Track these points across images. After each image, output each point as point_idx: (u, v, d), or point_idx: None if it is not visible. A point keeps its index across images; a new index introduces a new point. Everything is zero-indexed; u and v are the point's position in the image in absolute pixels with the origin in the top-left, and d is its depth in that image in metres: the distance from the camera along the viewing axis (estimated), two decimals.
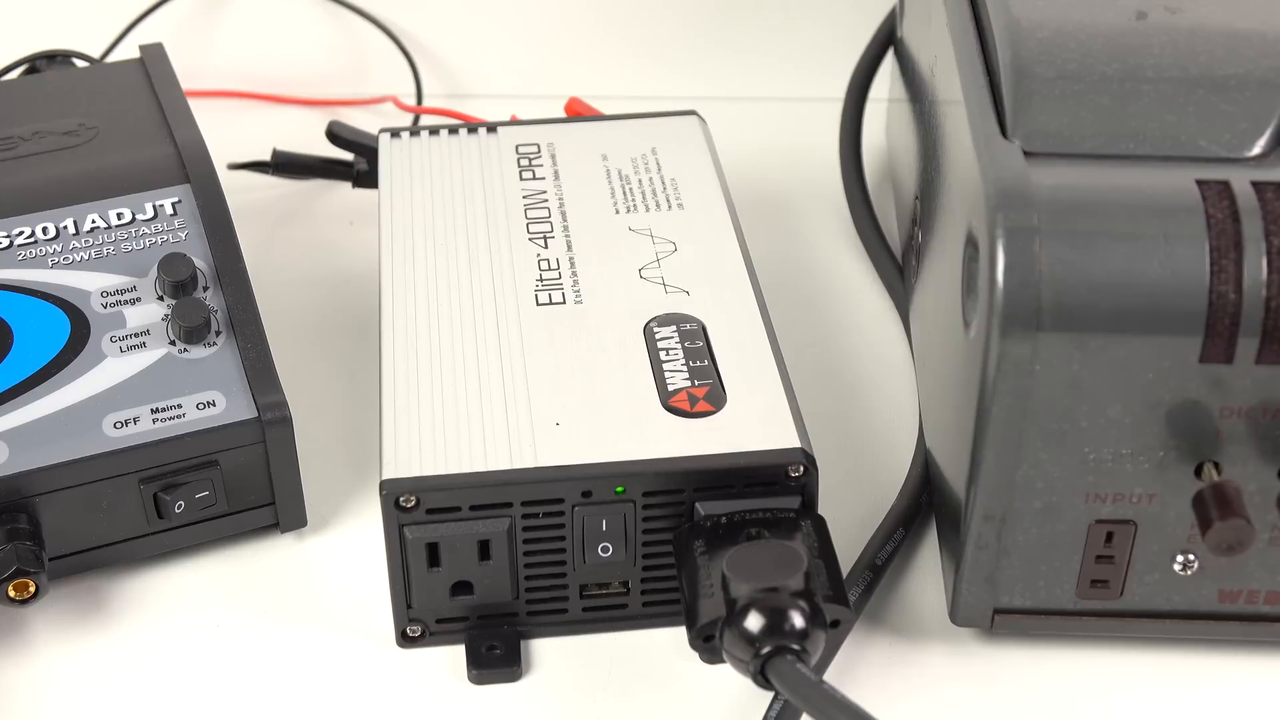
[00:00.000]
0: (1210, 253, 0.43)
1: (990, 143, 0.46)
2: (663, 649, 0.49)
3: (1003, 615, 0.49)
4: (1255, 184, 0.43)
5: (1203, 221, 0.43)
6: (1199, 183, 0.44)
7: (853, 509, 0.54)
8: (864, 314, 0.64)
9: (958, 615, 0.49)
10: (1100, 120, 0.46)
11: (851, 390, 0.60)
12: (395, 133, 0.63)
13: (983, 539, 0.47)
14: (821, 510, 0.49)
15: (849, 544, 0.52)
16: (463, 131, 0.63)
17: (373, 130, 0.65)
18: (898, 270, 0.64)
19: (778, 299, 0.63)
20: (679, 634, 0.48)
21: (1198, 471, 0.45)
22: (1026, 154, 0.45)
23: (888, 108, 0.71)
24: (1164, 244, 0.43)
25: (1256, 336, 0.43)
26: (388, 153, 0.62)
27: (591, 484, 0.47)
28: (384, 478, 0.46)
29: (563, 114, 0.68)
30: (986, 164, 0.45)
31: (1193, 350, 0.43)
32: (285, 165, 0.69)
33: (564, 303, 0.53)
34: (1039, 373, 0.44)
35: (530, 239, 0.56)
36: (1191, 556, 0.47)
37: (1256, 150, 0.45)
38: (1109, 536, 0.47)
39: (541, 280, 0.54)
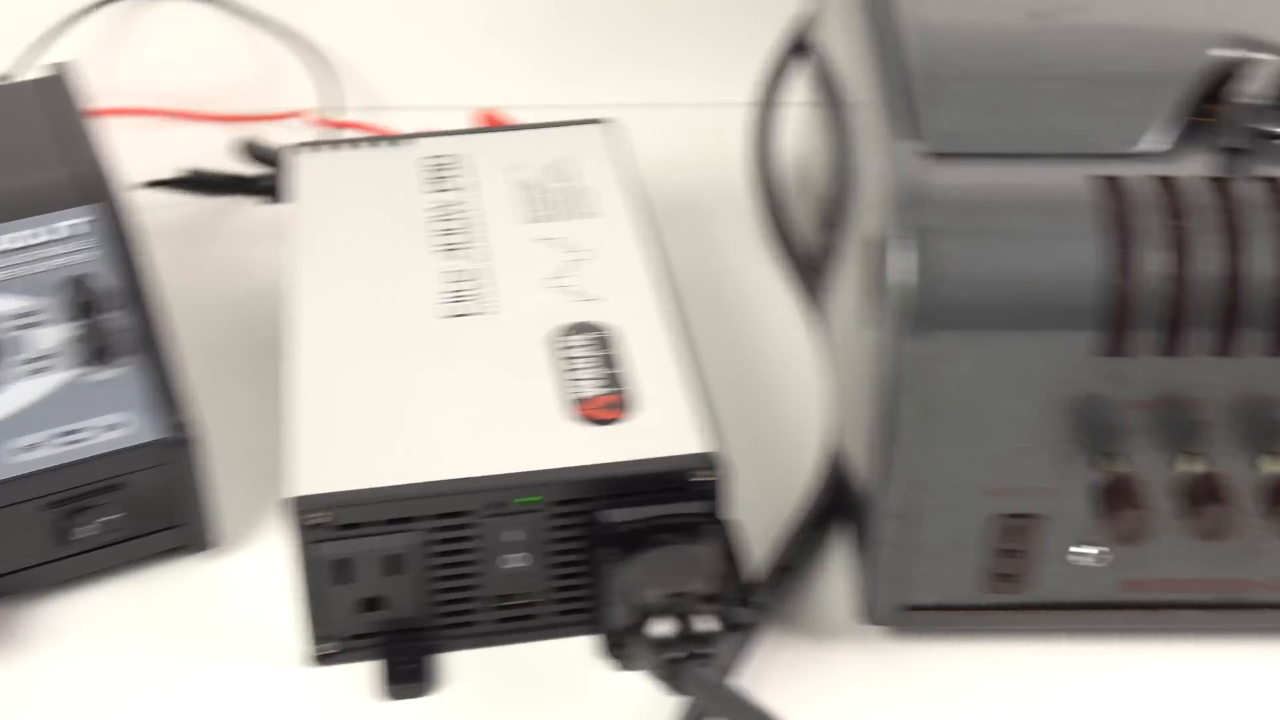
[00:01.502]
0: (1105, 247, 0.43)
1: (893, 144, 0.46)
2: (576, 658, 0.49)
3: (912, 612, 0.49)
4: (1148, 178, 0.44)
5: (1097, 217, 0.43)
6: (1093, 178, 0.44)
7: (765, 511, 0.54)
8: (775, 317, 0.64)
9: (868, 613, 0.49)
10: (1000, 119, 0.46)
11: (763, 394, 0.60)
12: (307, 147, 0.63)
13: (891, 537, 0.47)
14: (734, 513, 0.49)
15: (762, 546, 0.52)
16: (375, 144, 0.63)
17: (286, 144, 0.64)
18: (809, 273, 0.64)
19: (691, 304, 0.62)
20: (591, 642, 0.48)
21: (1099, 464, 0.46)
22: (931, 154, 0.45)
23: (799, 111, 0.71)
24: (1060, 240, 0.43)
25: (1153, 329, 0.43)
26: (299, 167, 0.61)
27: (500, 495, 0.46)
28: (290, 495, 0.46)
29: (476, 124, 0.67)
30: (888, 165, 0.45)
31: (1091, 344, 0.43)
32: (198, 182, 0.68)
33: (474, 314, 0.53)
34: (941, 371, 0.44)
35: (441, 251, 0.56)
36: (1095, 547, 0.47)
37: (1150, 144, 0.45)
38: (1014, 531, 0.47)
39: (452, 292, 0.54)
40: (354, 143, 0.63)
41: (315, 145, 0.63)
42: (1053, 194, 0.44)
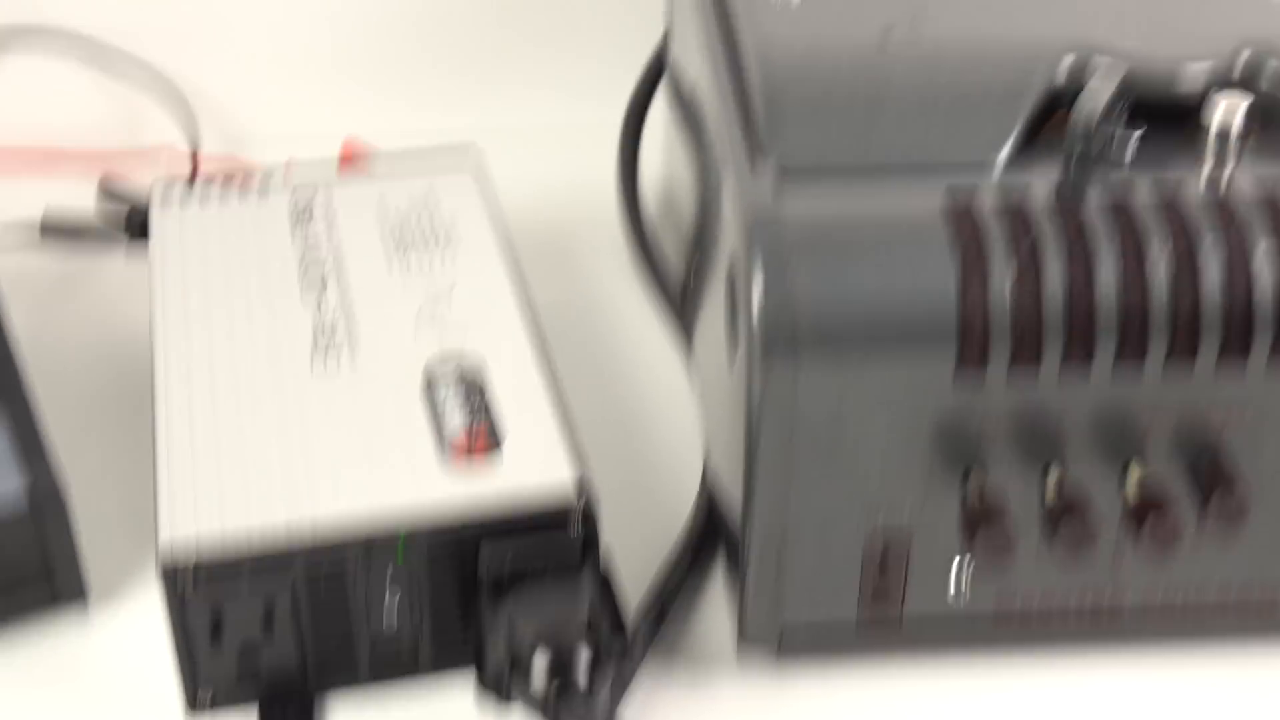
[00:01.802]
0: (958, 265, 0.43)
1: (745, 167, 0.46)
2: (456, 698, 0.49)
3: (790, 635, 0.49)
4: (1000, 194, 0.45)
5: (950, 234, 0.44)
6: (944, 195, 0.45)
7: (642, 541, 0.54)
8: (646, 345, 0.64)
9: (745, 635, 0.49)
10: (849, 141, 0.46)
11: (636, 423, 0.60)
12: (168, 186, 0.62)
13: (764, 559, 0.47)
14: (610, 544, 0.49)
15: (640, 576, 0.52)
16: (237, 181, 0.62)
17: (147, 183, 0.64)
18: (678, 299, 0.65)
19: (560, 335, 0.62)
20: (471, 680, 0.48)
21: (964, 480, 0.46)
22: (781, 177, 0.45)
23: (664, 133, 0.72)
24: (914, 258, 0.44)
25: (1007, 344, 0.44)
26: (160, 209, 0.61)
27: (373, 540, 0.46)
28: (161, 547, 0.45)
29: (339, 154, 0.67)
30: (739, 189, 0.45)
31: (949, 362, 0.44)
32: (57, 227, 0.67)
33: (340, 355, 0.52)
34: (802, 393, 0.44)
35: (305, 291, 0.55)
36: (966, 562, 0.48)
37: (1000, 159, 0.46)
38: (885, 548, 0.47)
39: (317, 333, 0.53)
40: (215, 179, 0.62)
41: (176, 183, 0.62)
42: (903, 213, 0.44)
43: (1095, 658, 0.50)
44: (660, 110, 0.70)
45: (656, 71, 0.70)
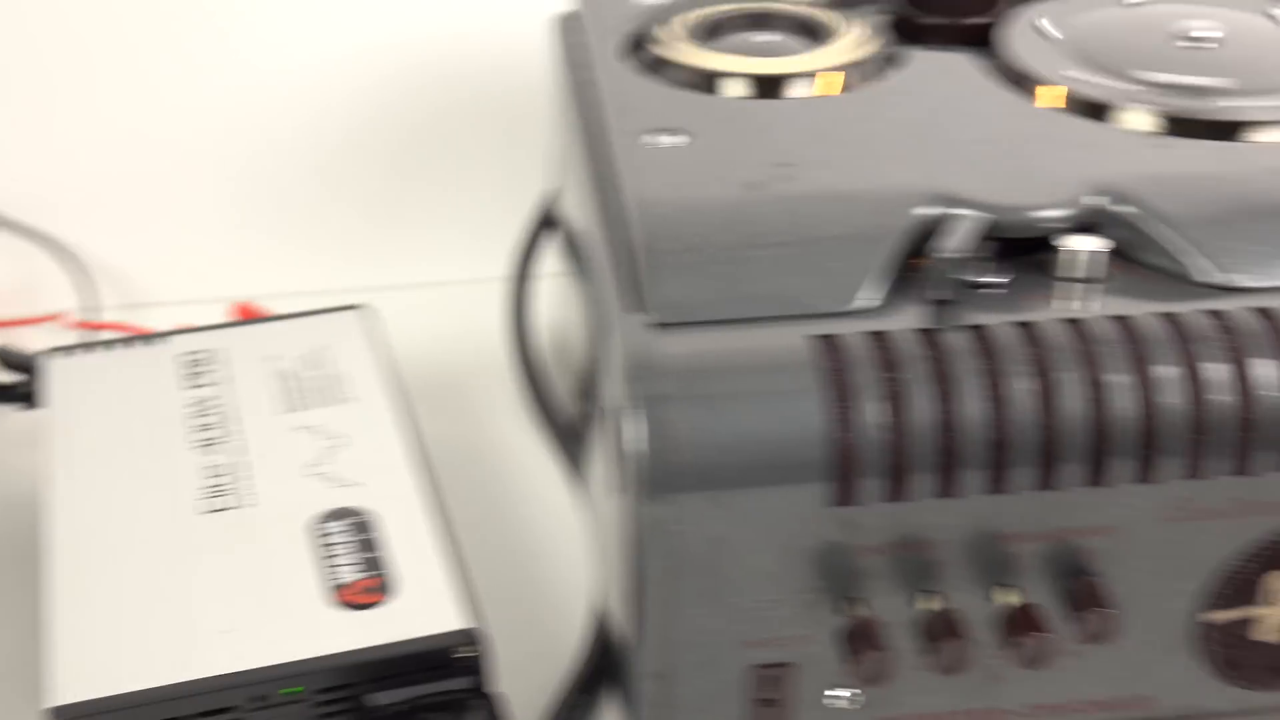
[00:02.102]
0: (827, 403, 0.45)
1: (624, 317, 0.47)
2: None
3: None
4: (862, 334, 0.46)
5: (817, 375, 0.45)
6: (811, 338, 0.46)
7: (534, 680, 0.54)
8: (540, 487, 0.65)
9: None
10: (722, 288, 0.47)
11: (530, 564, 0.61)
12: (62, 350, 0.63)
13: (653, 697, 0.48)
14: (504, 684, 0.50)
15: (534, 715, 0.53)
16: (130, 344, 0.63)
17: (41, 349, 0.64)
18: (570, 442, 0.66)
19: (454, 480, 0.64)
20: None
21: (843, 609, 0.47)
22: (658, 325, 0.47)
23: (553, 283, 0.73)
24: (785, 399, 0.45)
25: (878, 477, 0.45)
26: (53, 371, 0.61)
27: (263, 688, 0.46)
28: (48, 705, 0.45)
29: (232, 317, 0.68)
30: (620, 337, 0.46)
31: (823, 497, 0.45)
32: None
33: (232, 508, 0.53)
34: (684, 532, 0.45)
35: (199, 447, 0.56)
36: (850, 690, 0.49)
37: (865, 303, 0.47)
38: (770, 680, 0.48)
39: (209, 487, 0.54)
40: (110, 344, 0.63)
41: (70, 349, 0.63)
42: (774, 355, 0.45)
43: None
44: (551, 261, 0.72)
45: (542, 224, 0.72)
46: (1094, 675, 0.50)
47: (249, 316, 0.67)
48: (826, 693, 0.49)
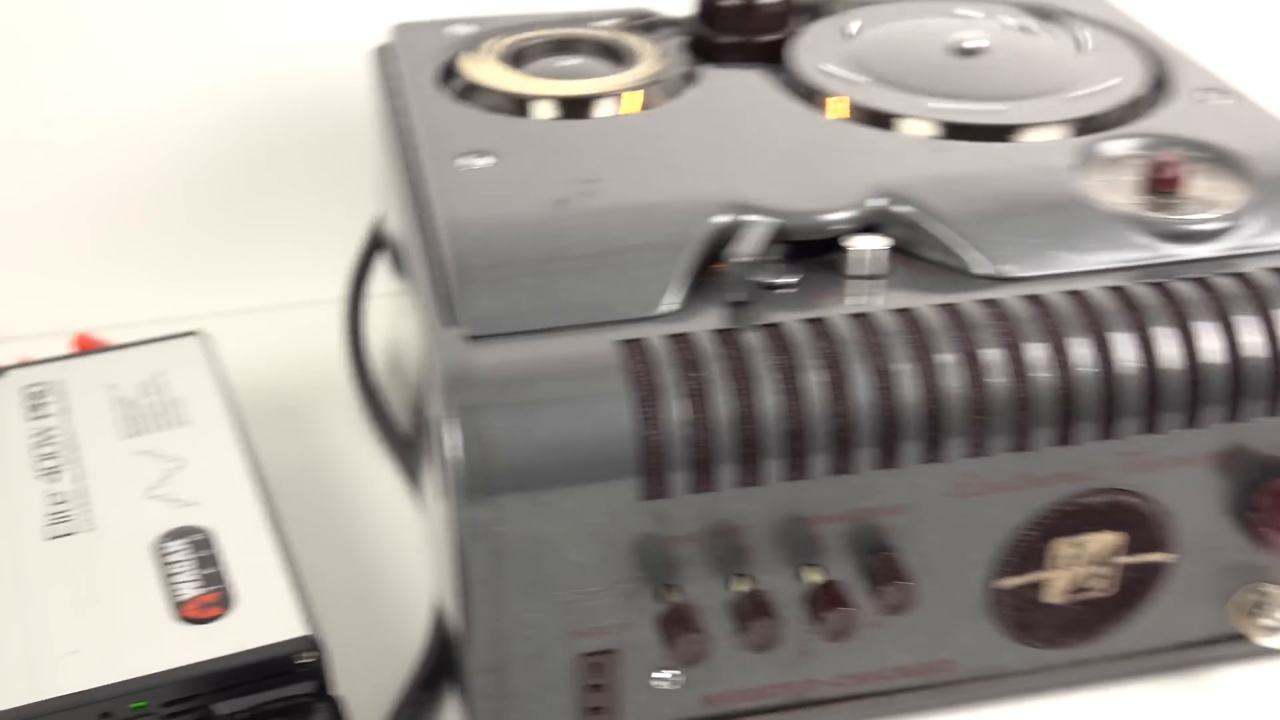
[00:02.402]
0: (634, 403, 0.46)
1: (438, 331, 0.48)
2: None
3: None
4: (667, 337, 0.47)
5: (624, 377, 0.46)
6: (618, 343, 0.47)
7: (381, 681, 0.54)
8: (380, 496, 0.65)
9: None
10: (532, 299, 0.48)
11: (371, 570, 0.61)
12: None
13: (485, 690, 0.48)
14: (351, 686, 0.50)
15: (376, 714, 0.53)
16: None
17: None
18: (407, 452, 0.66)
19: (296, 496, 0.63)
20: None
21: (660, 596, 0.48)
22: (471, 338, 0.47)
23: (387, 301, 0.73)
24: (595, 402, 0.45)
25: (685, 471, 0.46)
26: None
27: (109, 704, 0.46)
28: None
29: (72, 350, 0.67)
30: (435, 351, 0.47)
31: (634, 491, 0.46)
32: None
33: (75, 533, 0.52)
34: (504, 532, 0.45)
35: (42, 475, 0.55)
36: (671, 671, 0.50)
37: (668, 307, 0.48)
38: (596, 667, 0.49)
39: (53, 513, 0.53)
40: None
41: None
42: (583, 361, 0.46)
43: None
44: (383, 281, 0.72)
45: (373, 246, 0.72)
46: (898, 643, 0.51)
47: (88, 347, 0.66)
48: (653, 675, 0.49)
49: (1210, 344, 0.49)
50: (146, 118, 0.74)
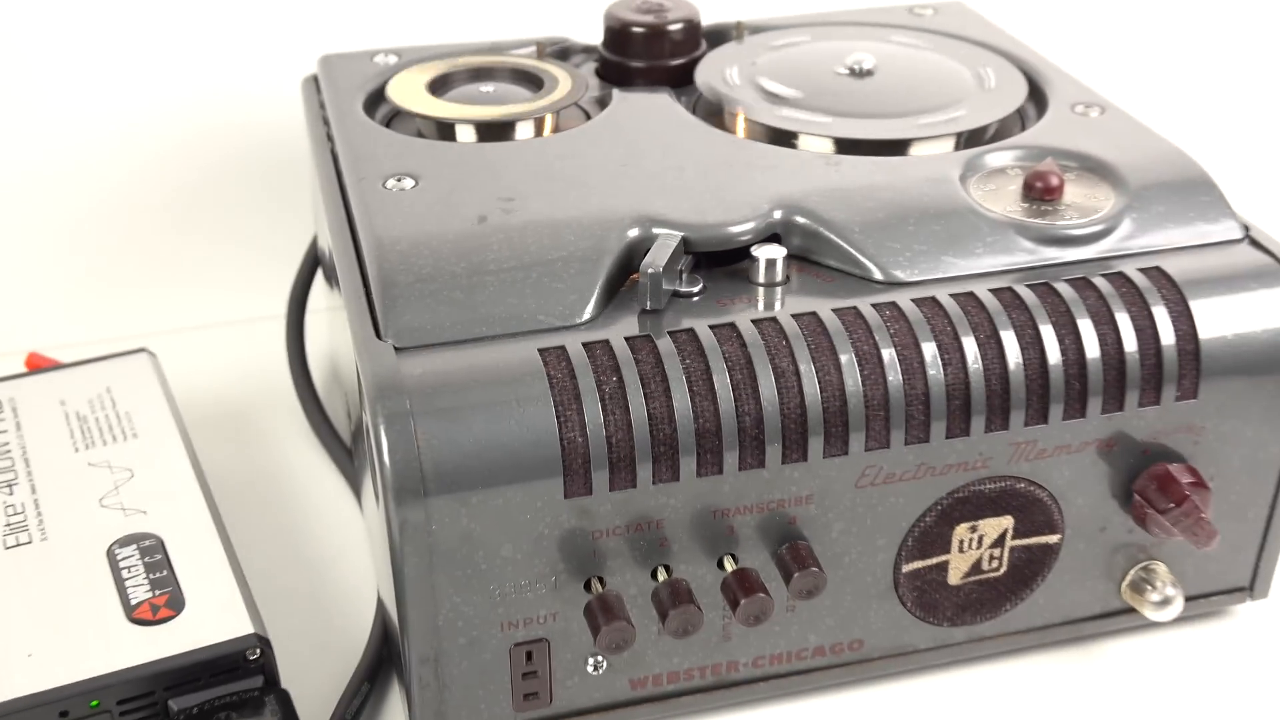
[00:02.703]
0: (556, 407, 0.46)
1: (366, 343, 0.48)
2: None
3: None
4: (585, 344, 0.47)
5: (546, 383, 0.46)
6: (540, 351, 0.47)
7: (325, 675, 0.55)
8: (324, 500, 0.65)
9: None
10: (455, 312, 0.48)
11: (316, 569, 0.61)
12: None
13: (423, 679, 0.48)
14: (297, 680, 0.50)
15: (325, 706, 0.53)
16: None
17: None
18: (348, 460, 0.66)
19: (243, 501, 0.63)
20: None
21: (587, 587, 0.48)
22: (397, 349, 0.47)
23: (327, 315, 0.73)
24: (518, 406, 0.46)
25: (605, 469, 0.46)
26: None
27: (66, 704, 0.46)
28: None
29: (23, 368, 0.67)
30: (363, 362, 0.47)
31: (557, 490, 0.46)
32: None
33: (30, 542, 0.52)
34: (435, 531, 0.46)
35: None
36: (599, 658, 0.50)
37: (585, 316, 0.49)
38: (528, 655, 0.49)
39: (8, 525, 0.53)
40: None
41: None
42: (506, 369, 0.46)
43: (718, 718, 0.53)
44: (319, 296, 0.72)
45: (311, 264, 0.72)
46: (811, 626, 0.52)
47: (40, 365, 0.65)
48: (582, 665, 0.50)
49: (1091, 340, 0.50)
50: (93, 148, 0.74)
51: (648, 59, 0.63)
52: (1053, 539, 0.53)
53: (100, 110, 0.73)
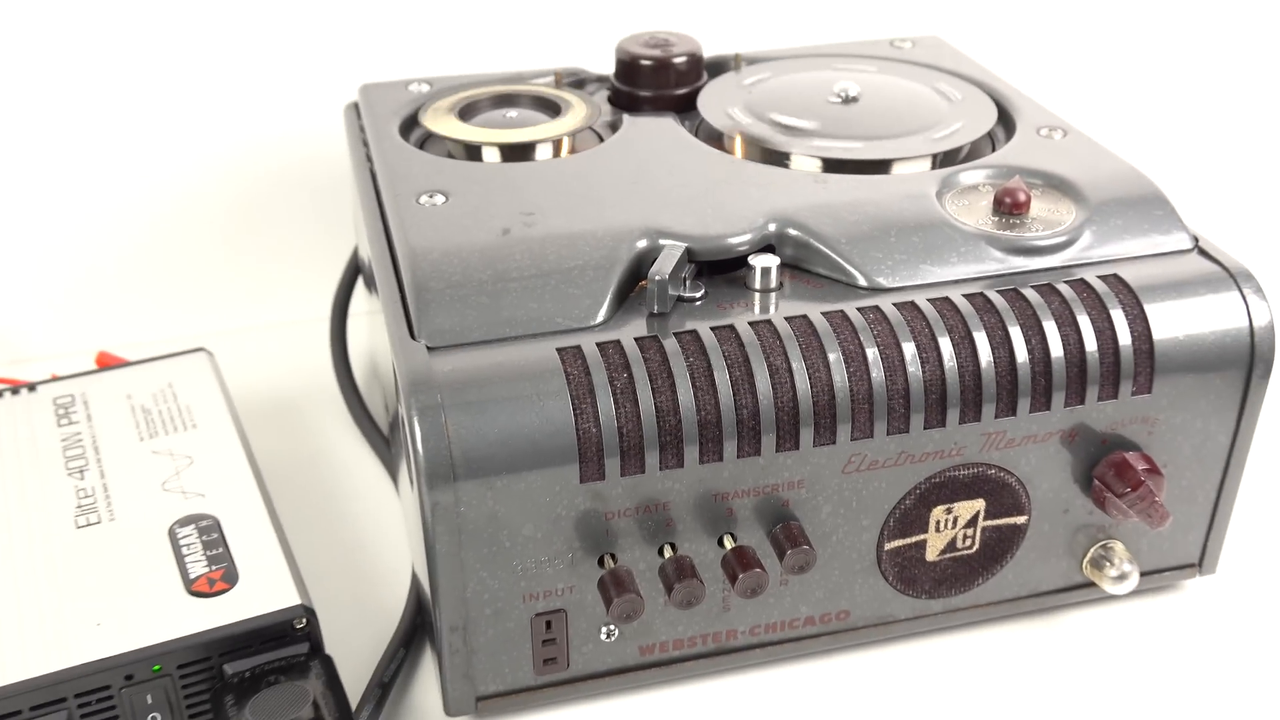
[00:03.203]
0: (572, 400, 0.46)
1: (402, 343, 0.48)
2: None
3: (484, 701, 0.50)
4: (599, 344, 0.47)
5: (564, 379, 0.46)
6: (558, 350, 0.47)
7: (364, 641, 0.55)
8: (364, 484, 0.65)
9: (449, 707, 0.50)
10: (482, 315, 0.48)
11: (356, 546, 0.61)
12: None
13: (453, 645, 0.48)
14: (339, 646, 0.50)
15: (365, 669, 0.53)
16: (9, 393, 0.61)
17: None
18: (386, 448, 0.66)
19: (291, 485, 0.63)
20: None
21: (600, 563, 0.48)
22: (430, 349, 0.47)
23: (364, 320, 0.73)
24: (538, 400, 0.46)
25: (617, 457, 0.46)
26: None
27: (131, 668, 0.46)
28: None
29: (94, 366, 0.67)
30: (399, 360, 0.47)
31: (574, 475, 0.46)
32: None
33: (99, 522, 0.52)
34: (463, 513, 0.46)
35: (69, 474, 0.55)
36: (611, 627, 0.50)
37: (599, 319, 0.48)
38: (548, 624, 0.49)
39: (80, 507, 0.53)
40: None
41: None
42: (527, 366, 0.46)
43: (719, 681, 0.53)
44: (360, 301, 0.72)
45: (353, 272, 0.72)
46: (802, 598, 0.52)
47: (108, 363, 0.65)
48: (595, 633, 0.50)
49: (1055, 340, 0.49)
50: (160, 170, 0.74)
51: (655, 89, 0.63)
52: (1020, 520, 0.52)
53: (168, 137, 0.74)
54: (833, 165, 0.56)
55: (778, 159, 0.57)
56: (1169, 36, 0.88)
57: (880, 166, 0.56)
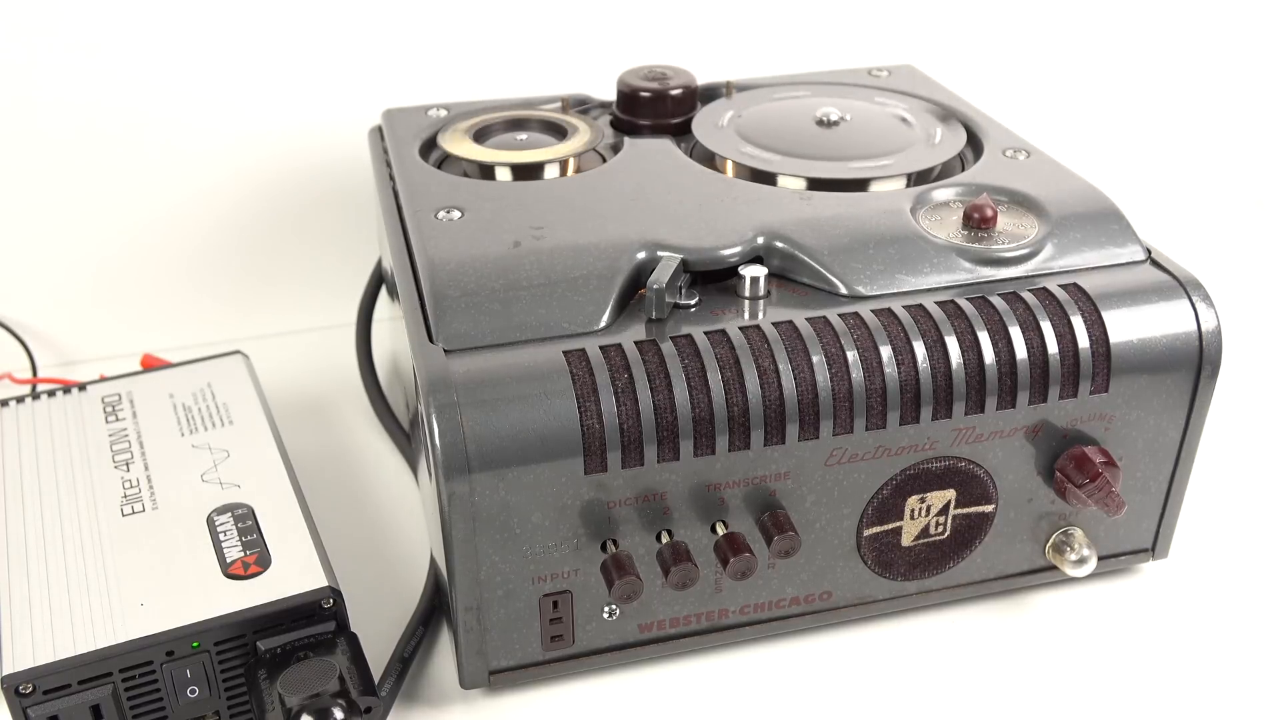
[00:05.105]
0: (577, 399, 0.46)
1: (421, 346, 0.47)
2: None
3: (496, 674, 0.50)
4: (602, 347, 0.47)
5: (569, 379, 0.46)
6: (564, 353, 0.47)
7: (387, 620, 0.54)
8: (387, 476, 0.65)
9: (464, 680, 0.50)
10: (495, 320, 0.48)
11: (379, 533, 0.60)
12: (4, 402, 0.61)
13: (468, 624, 0.48)
14: (363, 624, 0.49)
15: (387, 646, 0.53)
16: (61, 392, 0.61)
17: None
18: (406, 443, 0.66)
19: (320, 476, 0.63)
20: None
21: (603, 548, 0.48)
22: (447, 351, 0.47)
23: (387, 326, 0.73)
24: (546, 399, 0.46)
25: (618, 451, 0.46)
26: (3, 417, 0.59)
27: (172, 645, 0.46)
28: (2, 673, 0.44)
29: (139, 367, 0.67)
30: (419, 362, 0.47)
31: (579, 467, 0.46)
32: None
33: (143, 510, 0.52)
34: (477, 502, 0.46)
35: (116, 467, 0.55)
36: (613, 606, 0.50)
37: (601, 324, 0.48)
38: (555, 604, 0.49)
39: (126, 496, 0.53)
40: (49, 393, 0.61)
41: (16, 400, 0.61)
42: (536, 368, 0.46)
43: (712, 656, 0.53)
44: (383, 307, 0.72)
45: (377, 281, 0.72)
46: (788, 580, 0.51)
47: (152, 365, 0.65)
48: (599, 612, 0.50)
49: (1020, 344, 0.49)
50: (200, 188, 0.74)
51: (653, 118, 0.63)
52: (988, 508, 0.52)
53: (212, 160, 0.73)
54: (816, 184, 0.56)
55: (765, 178, 0.57)
56: (1125, 64, 0.88)
57: (859, 185, 0.56)
